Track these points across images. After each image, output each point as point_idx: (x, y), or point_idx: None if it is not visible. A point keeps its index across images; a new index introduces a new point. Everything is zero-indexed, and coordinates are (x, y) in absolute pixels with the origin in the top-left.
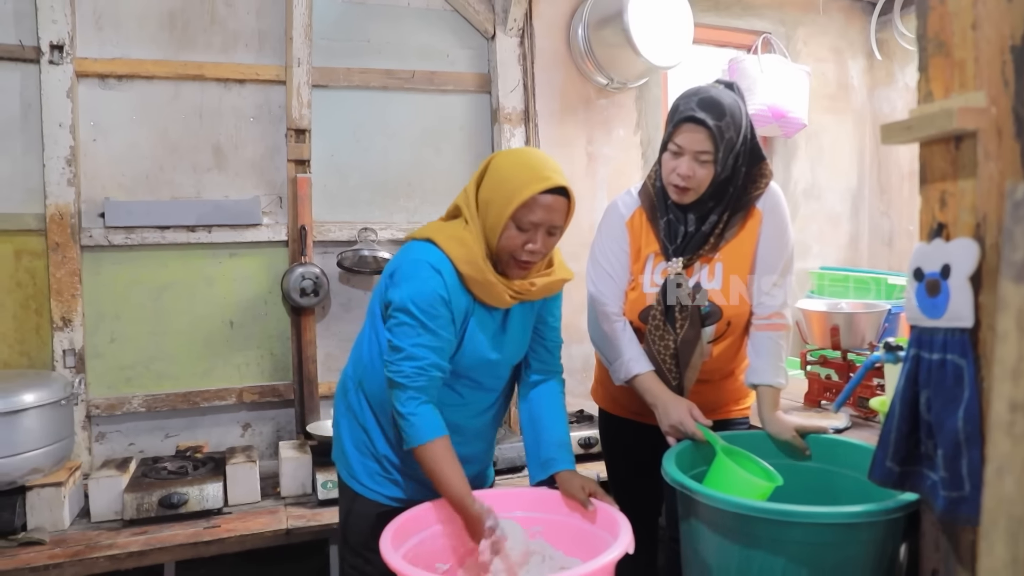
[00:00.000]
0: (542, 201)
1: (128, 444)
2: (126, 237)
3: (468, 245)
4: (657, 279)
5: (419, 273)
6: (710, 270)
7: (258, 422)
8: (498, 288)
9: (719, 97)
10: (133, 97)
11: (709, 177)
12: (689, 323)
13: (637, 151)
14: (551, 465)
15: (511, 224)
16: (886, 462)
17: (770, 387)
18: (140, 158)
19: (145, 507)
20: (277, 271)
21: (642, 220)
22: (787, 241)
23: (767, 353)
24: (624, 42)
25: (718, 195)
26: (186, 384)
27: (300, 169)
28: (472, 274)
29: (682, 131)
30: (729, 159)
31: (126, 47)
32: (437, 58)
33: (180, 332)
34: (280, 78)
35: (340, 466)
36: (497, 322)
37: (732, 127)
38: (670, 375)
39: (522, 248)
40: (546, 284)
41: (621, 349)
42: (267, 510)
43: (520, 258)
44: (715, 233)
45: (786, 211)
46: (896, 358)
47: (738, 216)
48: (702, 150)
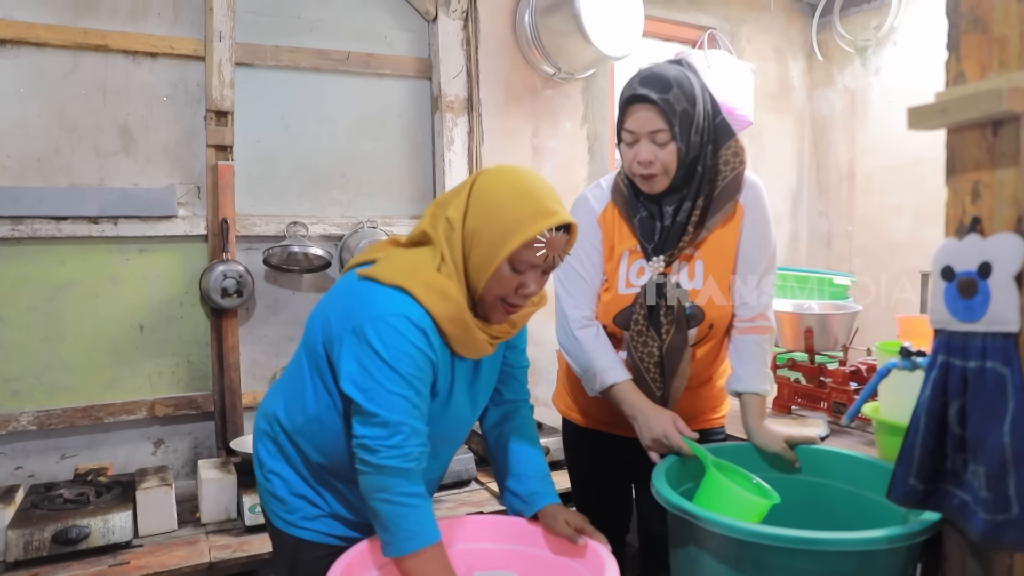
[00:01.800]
0: (546, 239)
1: (14, 468)
2: (12, 229)
3: (452, 298)
4: (633, 279)
5: (405, 334)
6: (690, 269)
7: (173, 438)
8: (480, 341)
9: (662, 71)
10: (21, 66)
11: (673, 157)
12: (676, 327)
13: (584, 145)
14: (536, 500)
15: (505, 264)
16: (908, 479)
17: (756, 395)
18: (30, 138)
19: (35, 545)
20: (195, 269)
21: (614, 215)
22: (769, 238)
23: (751, 358)
24: (574, 29)
25: (688, 177)
26: (87, 397)
27: (221, 156)
28: (457, 333)
29: (630, 114)
30: (691, 135)
31: (10, 7)
32: (374, 39)
33: (80, 338)
34: (199, 53)
35: (271, 512)
36: (470, 372)
37: (683, 98)
38: (654, 384)
39: (515, 292)
40: (523, 316)
41: (594, 358)
42: (185, 540)
43: (511, 302)
44: (692, 222)
45: (768, 205)
46: (913, 365)
47: (718, 206)
48: (655, 129)
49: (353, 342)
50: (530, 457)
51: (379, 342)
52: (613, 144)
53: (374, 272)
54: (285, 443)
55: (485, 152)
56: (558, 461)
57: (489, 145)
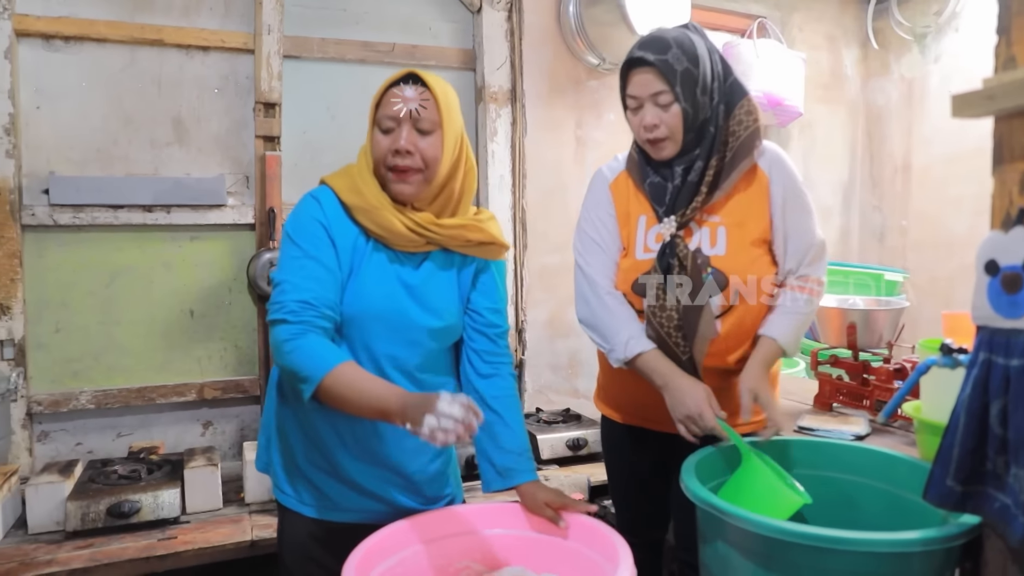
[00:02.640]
0: (392, 91)
1: (75, 444)
2: (74, 216)
3: (351, 174)
4: (651, 244)
5: (302, 206)
6: (711, 234)
7: (220, 420)
8: (386, 213)
9: (660, 33)
10: (83, 61)
11: (679, 120)
12: (692, 288)
13: (628, 136)
14: (512, 475)
15: (376, 131)
16: (946, 480)
17: (769, 339)
18: (91, 129)
19: (91, 517)
20: (243, 256)
21: (628, 182)
22: (808, 204)
23: (784, 310)
24: (618, 20)
25: (699, 140)
26: (141, 379)
27: (269, 146)
28: (356, 202)
29: (631, 79)
30: (698, 95)
31: (74, 5)
32: (419, 31)
33: (134, 322)
34: (248, 46)
35: (271, 477)
36: (409, 269)
37: (684, 58)
38: (677, 349)
39: (391, 152)
40: (459, 233)
41: (618, 327)
42: (229, 519)
43: (390, 164)
44: (705, 181)
45: (797, 175)
46: (955, 363)
47: (733, 165)
48: (656, 91)
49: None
50: (509, 428)
51: (289, 218)
52: None
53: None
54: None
55: (528, 143)
56: (595, 453)
57: (532, 136)
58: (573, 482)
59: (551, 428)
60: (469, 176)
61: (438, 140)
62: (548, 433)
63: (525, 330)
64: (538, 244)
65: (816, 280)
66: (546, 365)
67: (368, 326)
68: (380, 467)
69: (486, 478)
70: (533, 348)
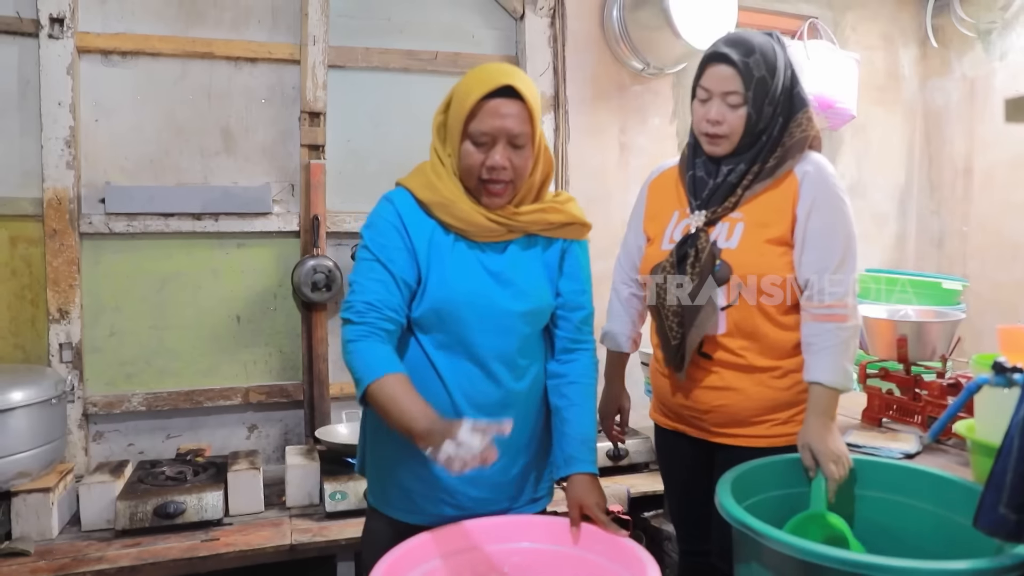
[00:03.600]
0: (488, 107)
1: (127, 445)
2: (128, 224)
3: (425, 172)
4: (677, 236)
5: (376, 210)
6: (730, 228)
7: (265, 424)
8: (462, 205)
9: (748, 35)
10: (138, 75)
11: (742, 123)
12: (698, 279)
13: (673, 142)
14: (570, 464)
15: (467, 142)
16: (999, 507)
17: (819, 385)
18: (144, 140)
19: (139, 516)
20: (288, 263)
21: (672, 177)
22: (843, 220)
23: (821, 347)
24: (663, 24)
25: (751, 145)
26: (189, 382)
27: (314, 155)
28: (432, 197)
29: (708, 71)
30: (765, 105)
31: (131, 22)
32: (462, 39)
33: (184, 327)
34: (294, 57)
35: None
36: (492, 256)
37: (764, 66)
38: (671, 334)
39: (482, 166)
40: (539, 217)
41: (609, 320)
42: (270, 522)
43: (483, 177)
44: (742, 183)
45: (838, 190)
46: (1009, 382)
47: (771, 171)
48: (730, 90)
49: None
50: (578, 416)
51: (365, 224)
52: None
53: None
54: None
55: (571, 149)
56: (636, 464)
57: (575, 142)
58: (613, 493)
59: None
60: (547, 164)
61: (529, 151)
62: None
63: None
64: None
65: (840, 303)
66: None
67: (460, 316)
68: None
69: (555, 466)
70: None
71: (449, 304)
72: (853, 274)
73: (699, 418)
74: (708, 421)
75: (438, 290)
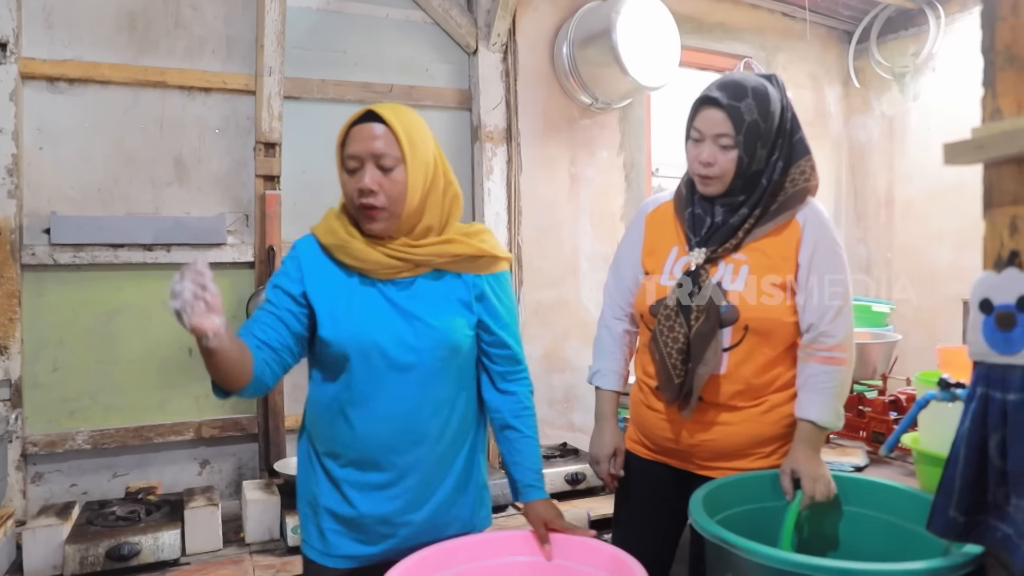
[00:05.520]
0: (353, 132)
1: (70, 485)
2: (74, 255)
3: (327, 217)
4: (677, 272)
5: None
6: (734, 270)
7: (218, 459)
8: (357, 244)
9: (742, 79)
10: (86, 103)
11: (733, 164)
12: (706, 317)
13: (620, 173)
14: (527, 492)
15: (343, 172)
16: (949, 511)
17: (808, 422)
18: (92, 169)
19: (90, 560)
20: (242, 294)
21: (668, 212)
22: (842, 266)
23: (818, 388)
24: (611, 60)
25: (749, 188)
26: (137, 418)
27: (269, 185)
28: (331, 240)
29: (699, 114)
30: (758, 148)
31: (79, 48)
32: (417, 72)
33: (132, 360)
34: (249, 88)
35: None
36: (398, 292)
37: (756, 110)
38: (674, 372)
39: (356, 192)
40: (441, 249)
41: (600, 355)
42: (230, 559)
43: (357, 201)
44: (744, 227)
45: (835, 235)
46: (953, 397)
47: (773, 216)
48: (720, 132)
49: None
50: (529, 446)
51: None
52: (650, 172)
53: None
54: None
55: (523, 181)
56: (593, 487)
57: (527, 174)
58: (573, 516)
59: (549, 462)
60: (451, 201)
61: (402, 175)
62: (545, 468)
63: None
64: (534, 280)
65: (839, 347)
66: (543, 400)
67: (370, 355)
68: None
69: (512, 490)
70: None
71: (360, 342)
72: (851, 316)
73: (684, 451)
74: (694, 455)
75: (348, 329)
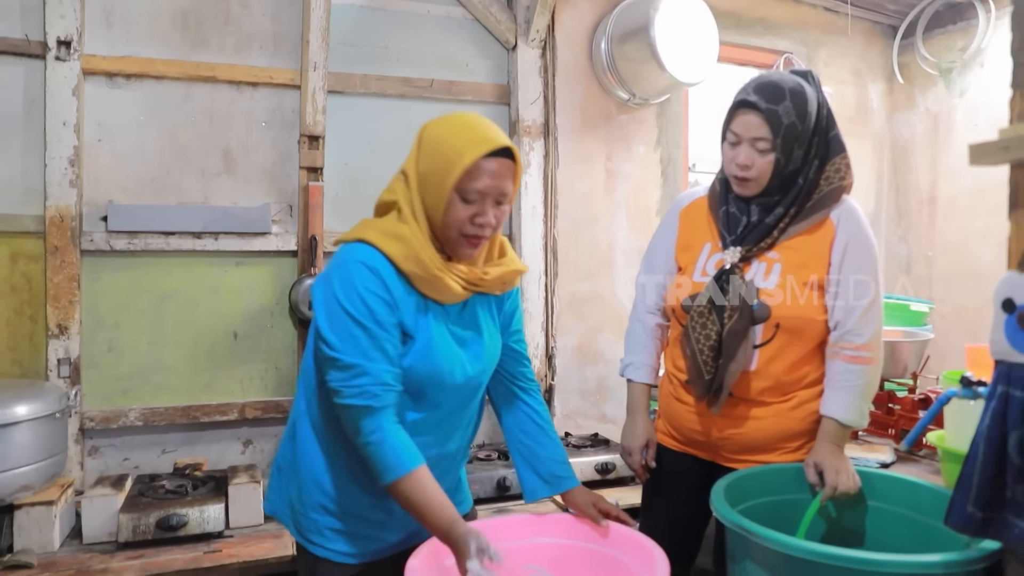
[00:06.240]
0: (487, 166)
1: (122, 459)
2: (129, 242)
3: (406, 239)
4: (710, 269)
5: (359, 277)
6: (767, 268)
7: (260, 439)
8: (447, 282)
9: (779, 80)
10: (141, 97)
11: (770, 167)
12: (739, 315)
13: (657, 168)
14: (559, 483)
15: (455, 197)
16: (967, 507)
17: (833, 420)
18: (146, 160)
19: (142, 529)
20: (285, 282)
21: (703, 209)
22: (874, 264)
23: (844, 386)
24: (649, 57)
25: (785, 187)
26: (186, 398)
27: (312, 177)
28: (417, 271)
29: (736, 117)
30: (795, 149)
31: (136, 45)
32: (456, 67)
33: (181, 343)
34: (295, 82)
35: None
36: (456, 322)
37: (793, 112)
38: (705, 368)
39: (470, 222)
40: (501, 275)
41: (632, 348)
42: (271, 534)
43: (469, 233)
44: (779, 226)
45: (869, 233)
46: (975, 395)
47: (808, 214)
48: (757, 136)
49: (321, 295)
50: (551, 441)
51: (340, 288)
52: (687, 168)
53: (345, 235)
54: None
55: (560, 175)
56: (623, 477)
57: (564, 169)
58: None
59: (580, 452)
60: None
61: (508, 208)
62: (577, 457)
63: (555, 356)
64: (568, 272)
65: (866, 347)
66: (575, 390)
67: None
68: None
69: (530, 487)
70: (563, 374)
71: (433, 378)
72: (881, 315)
73: (712, 444)
74: (722, 448)
75: (425, 365)
